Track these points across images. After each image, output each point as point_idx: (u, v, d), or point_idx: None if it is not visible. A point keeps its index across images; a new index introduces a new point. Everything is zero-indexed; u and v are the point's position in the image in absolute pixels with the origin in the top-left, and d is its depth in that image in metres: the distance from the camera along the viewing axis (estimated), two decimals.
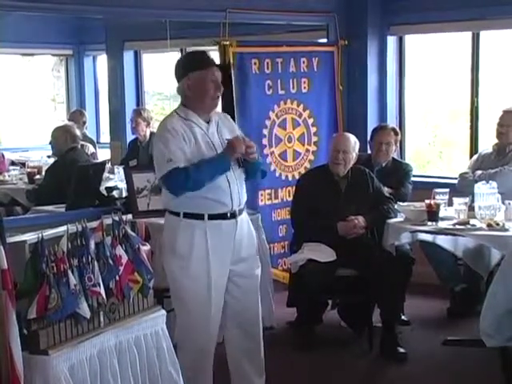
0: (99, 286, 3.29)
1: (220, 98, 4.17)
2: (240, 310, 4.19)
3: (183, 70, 4.04)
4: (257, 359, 4.28)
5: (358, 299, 5.35)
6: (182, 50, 8.98)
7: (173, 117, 4.02)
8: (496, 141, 5.95)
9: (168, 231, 4.06)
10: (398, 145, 6.27)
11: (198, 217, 3.97)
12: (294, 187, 5.83)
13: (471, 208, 5.17)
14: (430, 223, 5.05)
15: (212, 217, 3.98)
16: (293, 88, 6.58)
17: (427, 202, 5.12)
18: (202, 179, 3.88)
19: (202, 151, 3.95)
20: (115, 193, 6.22)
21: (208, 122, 4.05)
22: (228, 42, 6.03)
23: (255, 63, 6.25)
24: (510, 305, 3.18)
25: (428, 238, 5.32)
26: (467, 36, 6.80)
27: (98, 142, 9.64)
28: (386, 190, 5.59)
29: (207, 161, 3.92)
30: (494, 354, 3.46)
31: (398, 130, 6.24)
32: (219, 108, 4.43)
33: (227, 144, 3.97)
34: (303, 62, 6.64)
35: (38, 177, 7.32)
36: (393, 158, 6.03)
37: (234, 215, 4.04)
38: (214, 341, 4.15)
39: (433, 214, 5.05)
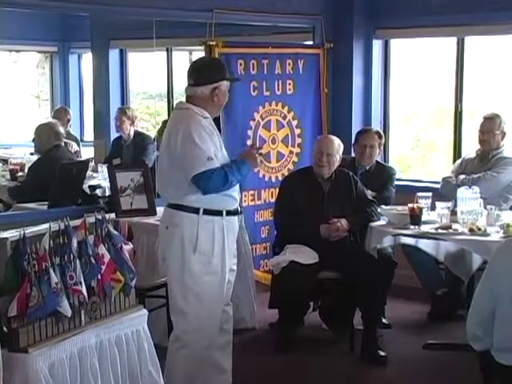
0: (81, 284, 3.28)
1: None
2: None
3: (215, 76, 4.13)
4: (229, 351, 4.37)
5: (340, 302, 5.36)
6: (168, 50, 8.97)
7: (194, 115, 4.07)
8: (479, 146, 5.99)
9: (185, 228, 4.06)
10: (382, 148, 6.29)
11: (218, 213, 4.09)
12: (277, 189, 5.84)
13: (454, 212, 5.19)
14: (412, 227, 5.07)
15: (229, 213, 4.14)
16: (278, 90, 6.59)
17: (410, 205, 5.14)
18: (234, 181, 4.09)
19: (218, 147, 4.11)
20: (98, 191, 6.19)
21: None
22: (214, 43, 6.03)
23: (241, 64, 6.25)
24: (495, 306, 3.21)
25: (410, 241, 5.34)
26: (452, 41, 6.84)
27: (81, 140, 9.62)
28: (370, 193, 5.61)
29: (235, 164, 4.12)
30: (473, 357, 3.47)
31: (381, 133, 6.25)
32: None
33: (248, 153, 4.24)
34: (289, 64, 6.65)
35: (20, 174, 7.28)
36: (376, 162, 6.05)
37: (240, 211, 4.26)
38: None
39: (415, 217, 5.07)
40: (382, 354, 5.13)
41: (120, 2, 5.79)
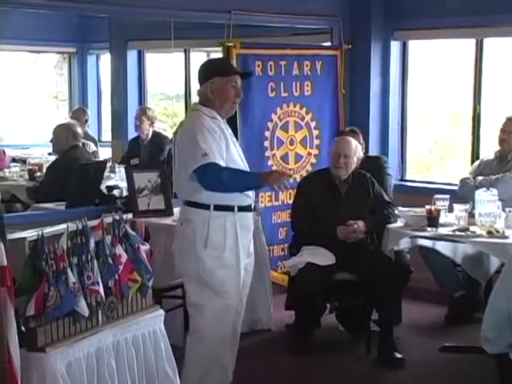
0: (98, 284, 3.29)
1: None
2: None
3: (207, 74, 4.21)
4: (235, 352, 4.38)
5: (357, 303, 5.35)
6: (185, 51, 8.99)
7: (201, 115, 4.12)
8: (498, 147, 5.96)
9: (196, 224, 4.11)
10: (363, 143, 6.12)
11: (229, 209, 4.12)
12: (295, 190, 5.83)
13: (471, 215, 5.16)
14: (429, 229, 5.05)
15: (240, 209, 4.16)
16: (296, 91, 6.59)
17: (427, 207, 5.12)
18: (231, 186, 4.07)
19: (231, 148, 4.14)
20: (116, 192, 6.22)
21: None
22: (232, 44, 6.04)
23: (258, 65, 6.26)
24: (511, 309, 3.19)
25: (427, 243, 5.32)
26: (471, 43, 6.81)
27: (99, 141, 9.67)
28: None
29: (242, 174, 4.16)
30: (491, 361, 3.45)
31: (356, 129, 6.10)
32: None
33: (270, 173, 4.27)
34: (306, 65, 6.64)
35: (38, 174, 7.33)
36: (366, 156, 5.98)
37: (254, 208, 4.29)
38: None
39: (433, 219, 5.05)
40: (399, 356, 5.11)
41: (138, 3, 5.81)
